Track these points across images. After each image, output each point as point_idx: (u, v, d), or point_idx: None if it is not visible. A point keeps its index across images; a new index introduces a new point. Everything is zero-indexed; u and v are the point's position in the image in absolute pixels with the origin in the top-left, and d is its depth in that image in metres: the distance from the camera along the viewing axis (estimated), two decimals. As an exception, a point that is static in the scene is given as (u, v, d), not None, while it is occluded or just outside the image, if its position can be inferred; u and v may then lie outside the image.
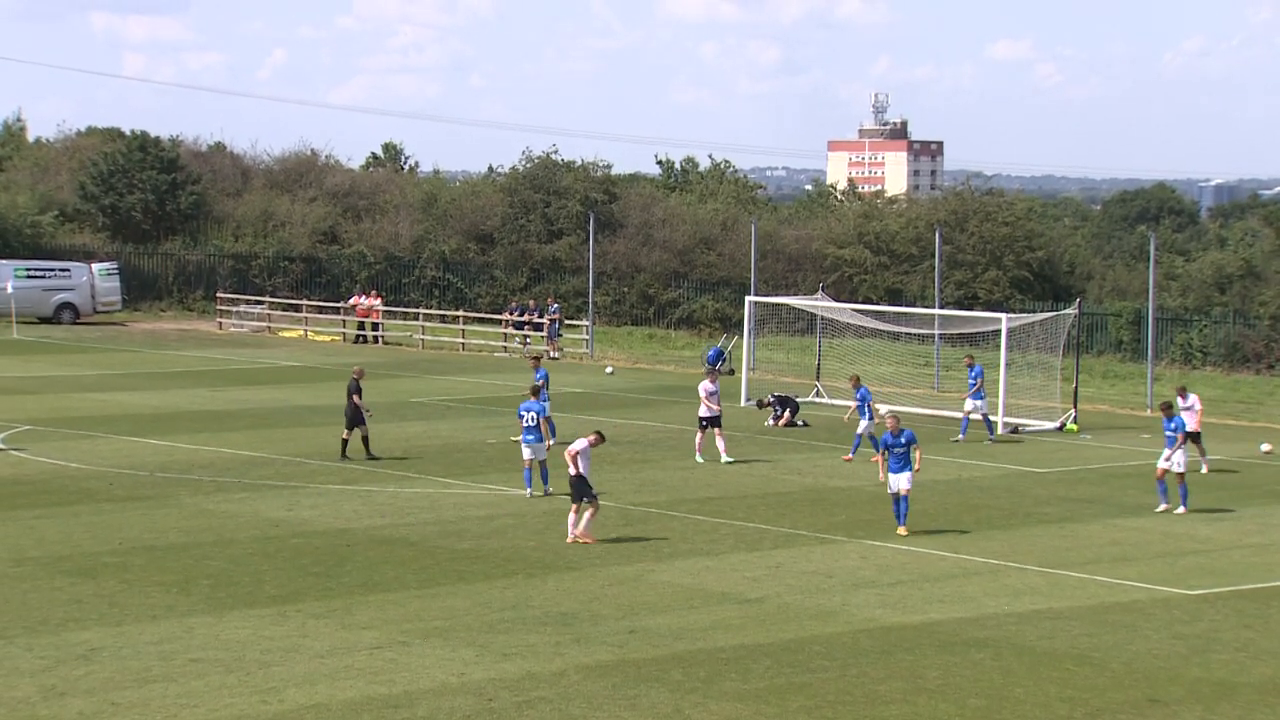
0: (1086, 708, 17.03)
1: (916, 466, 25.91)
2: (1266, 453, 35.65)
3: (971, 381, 36.56)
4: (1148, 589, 22.41)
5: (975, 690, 17.53)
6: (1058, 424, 39.10)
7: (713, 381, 32.85)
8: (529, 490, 28.16)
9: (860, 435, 33.49)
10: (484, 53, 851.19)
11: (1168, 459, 28.03)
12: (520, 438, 28.35)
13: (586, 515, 24.47)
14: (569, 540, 24.37)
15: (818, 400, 42.63)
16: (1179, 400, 31.90)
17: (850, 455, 33.40)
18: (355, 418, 31.58)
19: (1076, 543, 25.52)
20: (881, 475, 26.25)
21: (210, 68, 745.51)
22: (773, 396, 39.56)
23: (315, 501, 27.49)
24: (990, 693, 17.46)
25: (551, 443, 28.41)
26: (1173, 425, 28.13)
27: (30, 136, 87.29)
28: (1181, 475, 28.03)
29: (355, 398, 31.57)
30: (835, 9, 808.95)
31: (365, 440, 31.69)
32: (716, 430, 32.27)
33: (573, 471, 24.42)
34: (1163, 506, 27.96)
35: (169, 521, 25.78)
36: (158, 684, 17.25)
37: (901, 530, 25.53)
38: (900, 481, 25.59)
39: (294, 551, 23.74)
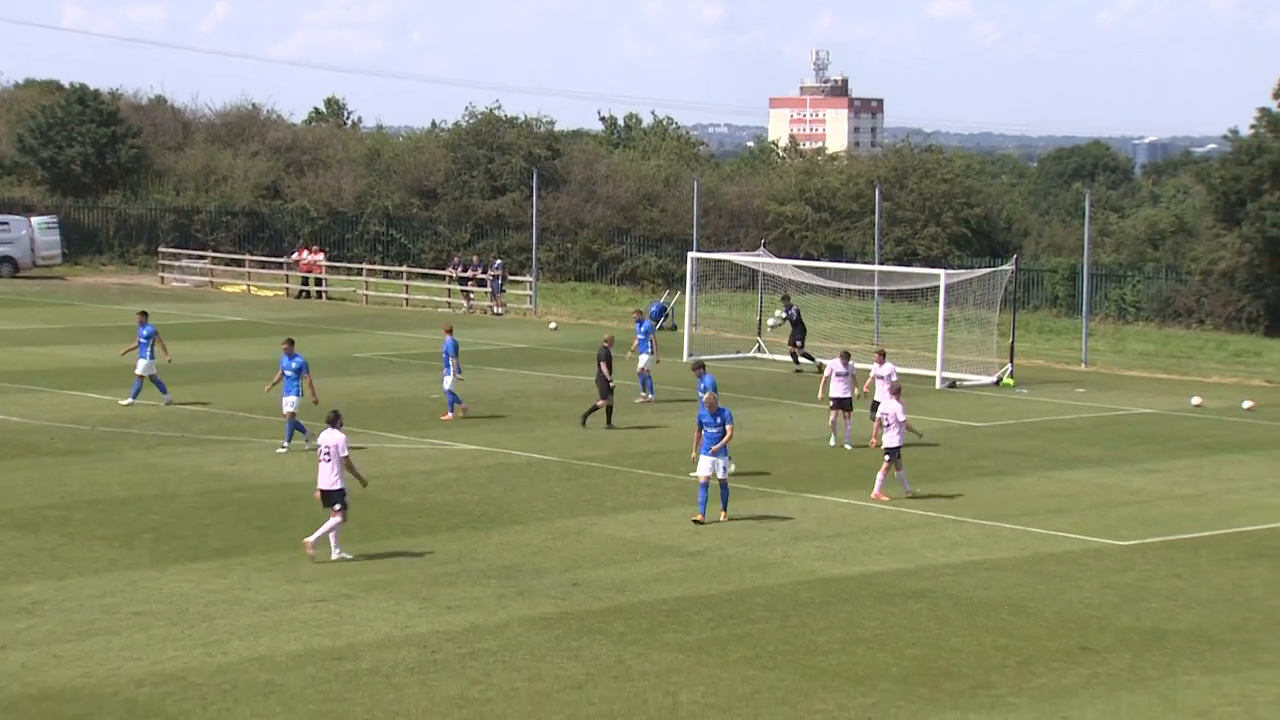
0: (1020, 655, 17.24)
1: (727, 450, 22.96)
2: (1197, 406, 36.10)
3: (641, 337, 34.68)
4: (1081, 540, 22.68)
5: (912, 640, 17.71)
6: (994, 378, 39.42)
7: (844, 363, 29.90)
8: (287, 444, 27.48)
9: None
10: (426, 8, 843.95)
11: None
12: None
13: (898, 473, 24.71)
14: (874, 497, 24.44)
15: (759, 356, 42.76)
16: (874, 365, 29.75)
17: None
18: (605, 387, 30.76)
19: (1012, 495, 25.77)
20: (693, 455, 23.27)
21: (150, 20, 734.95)
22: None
23: (259, 456, 27.33)
24: (927, 642, 17.64)
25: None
26: (702, 386, 26.30)
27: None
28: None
29: (604, 366, 30.78)
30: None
31: (609, 411, 30.78)
32: (845, 413, 29.67)
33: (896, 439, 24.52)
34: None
35: (111, 475, 25.58)
36: (100, 637, 17.15)
37: (722, 516, 22.86)
38: (715, 466, 22.78)
39: (238, 505, 23.61)
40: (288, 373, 27.87)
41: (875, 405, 29.25)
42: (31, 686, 15.60)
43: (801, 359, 40.74)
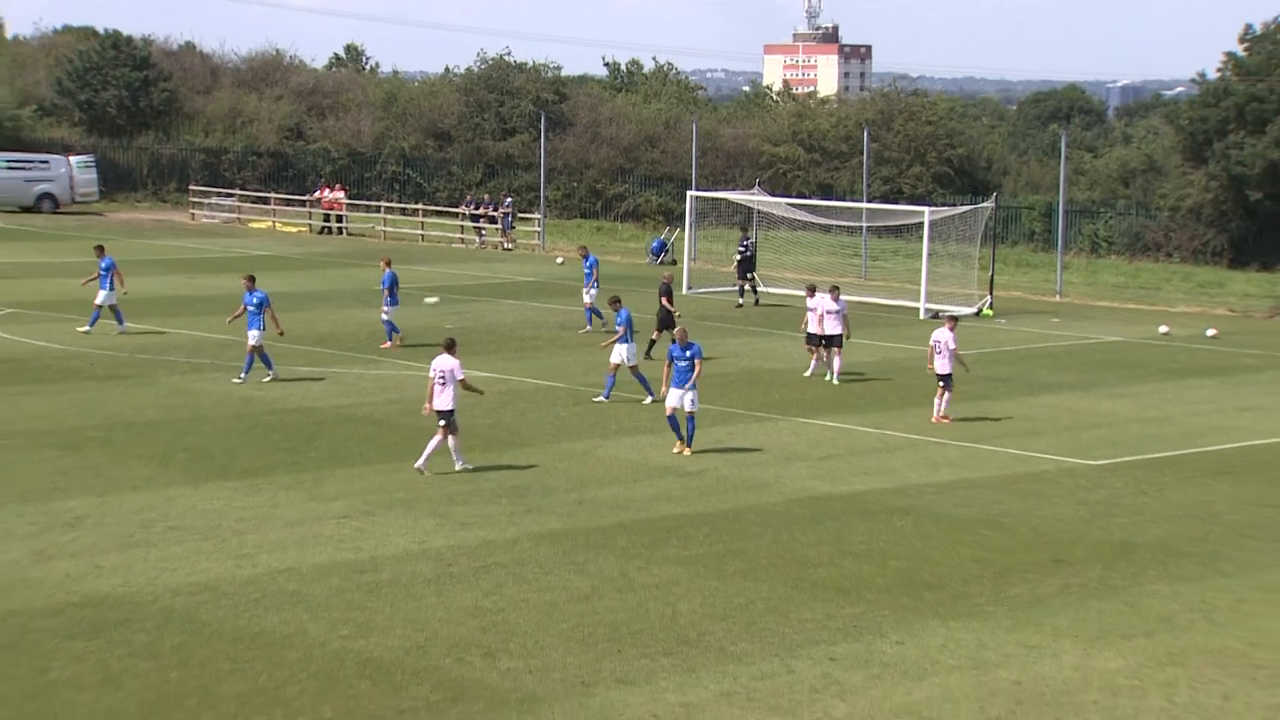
0: (997, 567, 17.31)
1: (695, 373, 22.01)
2: (1164, 334, 36.07)
3: (587, 272, 34.02)
4: (1055, 460, 22.71)
5: (896, 553, 17.77)
6: (975, 309, 39.37)
7: (834, 298, 28.39)
8: (244, 375, 26.93)
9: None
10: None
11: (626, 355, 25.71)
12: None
13: (947, 397, 25.04)
14: (934, 420, 24.68)
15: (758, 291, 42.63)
16: (828, 299, 28.28)
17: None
18: (666, 320, 29.98)
19: (991, 418, 25.77)
20: (664, 389, 22.53)
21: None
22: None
23: (284, 382, 27.33)
24: (910, 555, 17.70)
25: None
26: (621, 318, 25.74)
27: (9, 34, 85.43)
28: (634, 367, 25.90)
29: (665, 301, 30.25)
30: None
31: (652, 343, 30.06)
32: (836, 349, 28.51)
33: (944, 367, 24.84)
34: (649, 399, 25.49)
35: (148, 399, 25.60)
36: (139, 549, 17.22)
37: (686, 450, 22.09)
38: (684, 399, 22.02)
39: (265, 428, 23.64)
40: (250, 307, 27.25)
41: (818, 339, 28.59)
42: (75, 594, 15.69)
43: (747, 290, 40.43)
